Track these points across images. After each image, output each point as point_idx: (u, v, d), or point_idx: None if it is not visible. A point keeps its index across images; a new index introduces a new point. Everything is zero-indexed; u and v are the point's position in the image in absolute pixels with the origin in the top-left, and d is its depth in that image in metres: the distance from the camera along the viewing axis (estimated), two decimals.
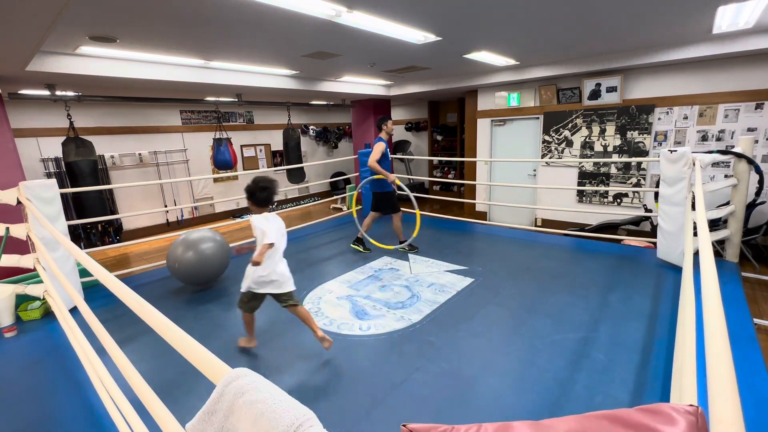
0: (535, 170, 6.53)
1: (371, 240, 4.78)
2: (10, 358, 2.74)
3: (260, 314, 3.22)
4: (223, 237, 3.90)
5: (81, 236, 5.98)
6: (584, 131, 5.85)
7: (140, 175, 6.77)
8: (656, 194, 4.10)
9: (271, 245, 2.36)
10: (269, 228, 2.37)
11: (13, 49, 2.88)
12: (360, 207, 6.86)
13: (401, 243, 4.62)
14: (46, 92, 4.52)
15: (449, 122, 9.78)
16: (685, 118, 5.05)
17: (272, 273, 2.44)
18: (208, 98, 6.39)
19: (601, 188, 5.61)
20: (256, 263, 2.32)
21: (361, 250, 4.72)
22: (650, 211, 5.24)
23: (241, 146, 8.36)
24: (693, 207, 2.66)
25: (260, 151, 8.74)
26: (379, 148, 4.34)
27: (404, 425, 0.55)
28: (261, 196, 2.43)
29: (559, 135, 6.09)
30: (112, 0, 2.50)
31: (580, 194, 6.10)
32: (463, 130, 8.20)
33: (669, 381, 2.12)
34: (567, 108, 5.94)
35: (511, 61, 5.24)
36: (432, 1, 2.78)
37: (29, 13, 2.16)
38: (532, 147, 6.53)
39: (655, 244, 4.11)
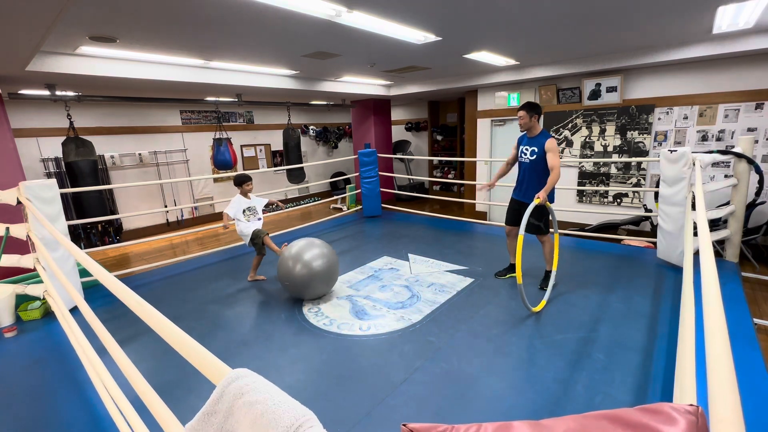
0: None
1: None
2: (10, 358, 2.74)
3: (259, 314, 3.23)
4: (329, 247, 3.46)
5: (81, 236, 5.98)
6: (584, 131, 5.85)
7: (140, 175, 6.77)
8: (656, 194, 4.10)
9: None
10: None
11: (13, 49, 2.88)
12: (360, 207, 6.86)
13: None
14: (46, 92, 4.52)
15: (449, 122, 9.78)
16: (685, 118, 5.05)
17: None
18: (208, 98, 6.39)
19: (601, 188, 5.61)
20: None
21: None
22: (650, 211, 5.24)
23: (241, 146, 8.36)
24: (693, 207, 2.66)
25: (260, 151, 8.74)
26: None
27: (404, 425, 0.55)
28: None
29: (559, 135, 6.09)
30: (112, 0, 2.50)
31: (580, 194, 6.10)
32: (463, 130, 8.21)
33: (669, 381, 2.12)
34: (567, 108, 5.94)
35: (511, 61, 5.24)
36: (432, 1, 2.78)
37: (29, 13, 2.16)
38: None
39: (655, 244, 4.11)
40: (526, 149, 3.43)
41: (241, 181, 3.87)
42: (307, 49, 4.09)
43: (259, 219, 3.92)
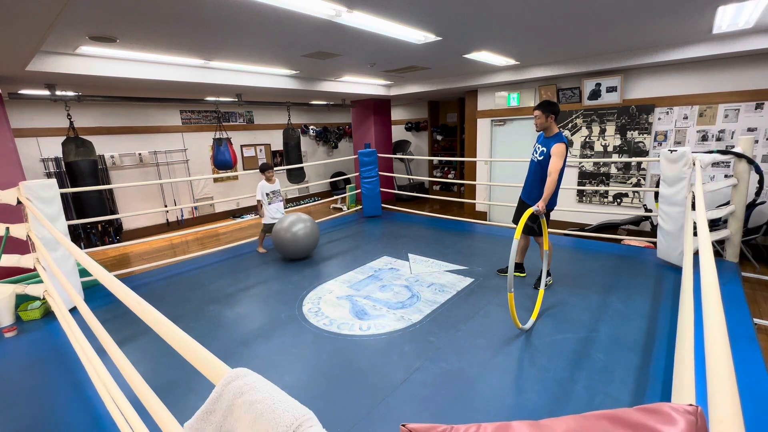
0: None
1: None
2: (10, 358, 2.74)
3: (259, 314, 3.23)
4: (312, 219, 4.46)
5: (81, 236, 5.98)
6: (584, 131, 5.85)
7: (140, 175, 6.77)
8: (656, 194, 4.11)
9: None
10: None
11: (13, 49, 2.88)
12: (360, 207, 6.85)
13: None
14: (46, 92, 4.52)
15: (449, 122, 9.78)
16: (685, 118, 5.05)
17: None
18: (208, 98, 6.39)
19: (601, 188, 5.61)
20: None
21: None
22: (650, 211, 5.24)
23: (241, 146, 8.36)
24: (693, 207, 2.66)
25: (260, 151, 8.74)
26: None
27: (404, 425, 0.55)
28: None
29: None
30: (112, 0, 2.50)
31: (580, 194, 6.10)
32: (463, 130, 8.21)
33: (669, 381, 2.12)
34: (567, 108, 5.94)
35: (511, 61, 5.24)
36: (432, 1, 2.78)
37: (29, 13, 2.16)
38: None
39: (655, 244, 4.11)
40: (538, 148, 3.36)
41: (263, 169, 4.67)
42: (307, 49, 4.08)
43: (281, 200, 4.78)
